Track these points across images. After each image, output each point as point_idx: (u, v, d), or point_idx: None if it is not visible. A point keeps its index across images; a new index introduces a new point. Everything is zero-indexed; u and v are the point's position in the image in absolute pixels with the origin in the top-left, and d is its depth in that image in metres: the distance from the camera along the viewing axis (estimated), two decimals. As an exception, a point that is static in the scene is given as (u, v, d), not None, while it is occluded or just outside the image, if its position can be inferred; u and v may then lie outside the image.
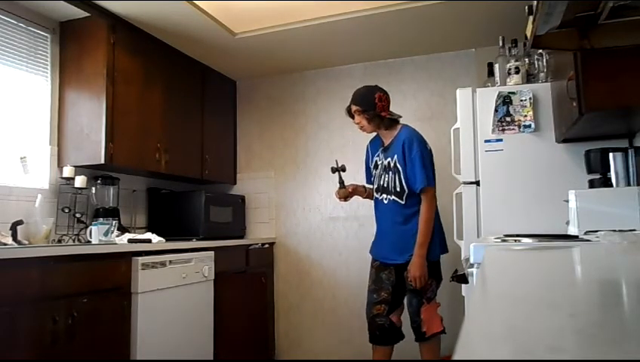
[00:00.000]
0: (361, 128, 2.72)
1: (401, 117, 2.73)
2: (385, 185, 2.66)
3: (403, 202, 2.60)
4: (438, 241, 2.65)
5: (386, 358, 2.66)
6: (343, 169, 2.82)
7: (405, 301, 2.67)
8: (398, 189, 2.61)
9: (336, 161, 2.84)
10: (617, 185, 2.16)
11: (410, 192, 2.58)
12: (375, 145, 2.82)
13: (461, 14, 3.10)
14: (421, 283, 2.52)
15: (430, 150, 2.68)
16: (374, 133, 2.81)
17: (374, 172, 2.78)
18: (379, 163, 2.73)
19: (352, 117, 2.72)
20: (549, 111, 2.59)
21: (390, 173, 2.64)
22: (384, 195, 2.67)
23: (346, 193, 2.79)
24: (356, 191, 2.85)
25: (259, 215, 4.15)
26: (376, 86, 2.73)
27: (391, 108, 2.71)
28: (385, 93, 2.69)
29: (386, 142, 2.72)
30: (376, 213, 2.77)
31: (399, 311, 2.67)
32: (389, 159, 2.65)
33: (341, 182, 2.80)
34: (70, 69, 3.01)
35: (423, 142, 2.64)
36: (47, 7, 2.85)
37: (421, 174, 2.54)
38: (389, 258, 2.64)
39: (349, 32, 3.36)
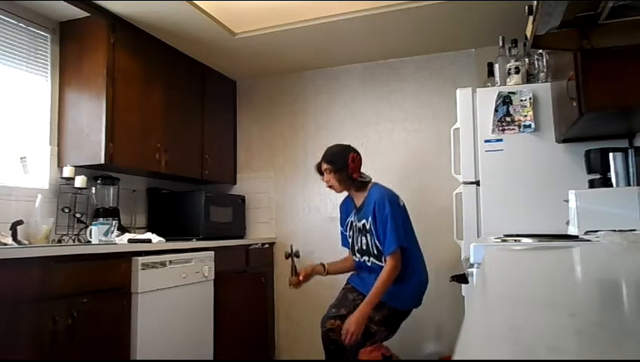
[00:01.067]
0: (330, 187, 2.66)
1: (370, 179, 2.67)
2: (364, 247, 2.60)
3: (382, 264, 2.49)
4: (410, 293, 2.55)
5: None
6: (297, 255, 2.76)
7: None
8: (375, 252, 2.54)
9: (291, 246, 2.79)
10: (617, 185, 2.16)
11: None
12: (347, 207, 2.76)
13: (461, 14, 3.10)
14: (351, 341, 2.37)
15: (403, 206, 2.60)
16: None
17: (349, 233, 2.71)
18: (354, 224, 2.67)
19: (322, 173, 2.66)
20: (549, 111, 2.59)
21: (368, 235, 2.56)
22: (365, 257, 2.60)
23: (296, 281, 2.69)
24: (313, 272, 2.75)
25: (259, 215, 4.15)
26: (349, 146, 2.68)
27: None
28: (358, 153, 2.63)
29: (358, 203, 2.65)
30: (361, 274, 2.66)
31: None
32: (363, 221, 2.58)
33: (293, 268, 2.72)
34: (70, 69, 3.01)
35: (394, 201, 2.54)
36: (47, 7, 2.85)
37: (391, 236, 2.44)
38: (366, 289, 2.52)
39: (349, 32, 3.36)
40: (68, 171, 2.85)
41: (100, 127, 2.90)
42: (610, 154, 2.20)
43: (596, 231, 1.67)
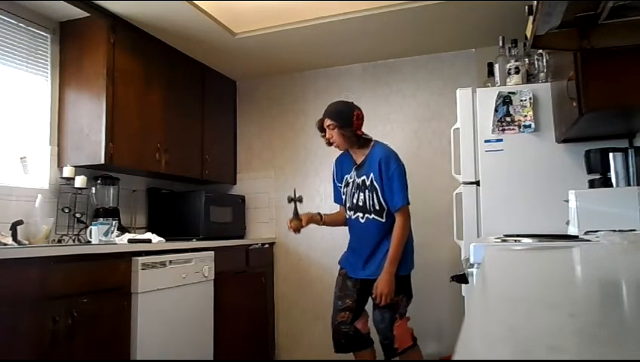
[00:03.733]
0: (333, 144, 2.62)
1: (372, 138, 2.67)
2: (360, 203, 2.59)
3: (384, 220, 2.54)
4: (410, 257, 2.62)
5: None
6: (300, 200, 2.71)
7: (375, 317, 2.57)
8: (377, 208, 2.55)
9: (294, 191, 2.73)
10: (617, 185, 2.16)
11: (389, 210, 2.53)
12: (343, 163, 2.73)
13: (461, 14, 3.10)
14: (386, 301, 2.46)
15: (404, 166, 2.62)
16: (340, 151, 2.74)
17: (345, 190, 2.70)
18: (349, 181, 2.66)
19: (322, 130, 2.63)
20: (549, 111, 2.59)
21: (367, 191, 2.56)
22: (359, 214, 2.60)
23: (298, 225, 2.66)
24: (311, 220, 2.73)
25: (259, 215, 4.15)
26: (353, 103, 2.66)
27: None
28: (361, 111, 2.62)
29: (358, 160, 2.64)
30: (351, 230, 2.69)
31: (364, 317, 2.61)
32: (364, 177, 2.58)
33: (296, 213, 2.68)
34: (70, 69, 3.01)
35: (398, 159, 2.58)
36: (47, 7, 2.85)
37: (399, 192, 2.50)
38: (360, 274, 2.60)
39: (348, 33, 3.36)
40: (68, 171, 2.85)
41: (99, 127, 2.90)
42: (610, 154, 2.20)
43: (596, 231, 1.67)
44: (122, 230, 3.05)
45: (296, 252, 4.02)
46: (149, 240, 2.78)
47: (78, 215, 3.00)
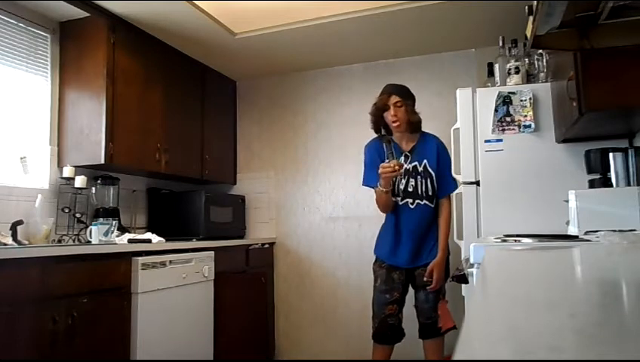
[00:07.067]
0: (397, 121, 2.56)
1: None
2: (410, 189, 2.59)
3: (433, 206, 2.61)
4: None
5: (388, 357, 2.65)
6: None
7: (419, 298, 2.61)
8: (430, 193, 2.59)
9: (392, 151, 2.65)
10: (617, 185, 2.16)
11: (436, 196, 2.61)
12: (378, 148, 2.66)
13: (461, 14, 3.10)
14: (438, 286, 2.54)
15: None
16: (369, 138, 2.71)
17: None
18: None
19: (382, 111, 2.59)
20: (549, 111, 2.59)
21: (419, 177, 2.58)
22: (409, 200, 2.59)
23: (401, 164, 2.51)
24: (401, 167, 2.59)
25: (259, 215, 4.15)
26: None
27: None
28: None
29: (407, 145, 2.64)
30: (399, 217, 2.62)
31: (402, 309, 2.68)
32: (416, 163, 2.60)
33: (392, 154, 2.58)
34: (70, 69, 3.01)
35: None
36: (47, 7, 2.85)
37: (453, 179, 2.64)
38: (411, 263, 2.59)
39: (348, 32, 3.36)
40: (68, 171, 2.85)
41: (100, 127, 2.90)
42: (610, 154, 2.20)
43: (596, 231, 1.67)
44: (122, 230, 3.05)
45: (296, 252, 4.02)
46: (149, 240, 2.78)
47: (78, 215, 3.00)
